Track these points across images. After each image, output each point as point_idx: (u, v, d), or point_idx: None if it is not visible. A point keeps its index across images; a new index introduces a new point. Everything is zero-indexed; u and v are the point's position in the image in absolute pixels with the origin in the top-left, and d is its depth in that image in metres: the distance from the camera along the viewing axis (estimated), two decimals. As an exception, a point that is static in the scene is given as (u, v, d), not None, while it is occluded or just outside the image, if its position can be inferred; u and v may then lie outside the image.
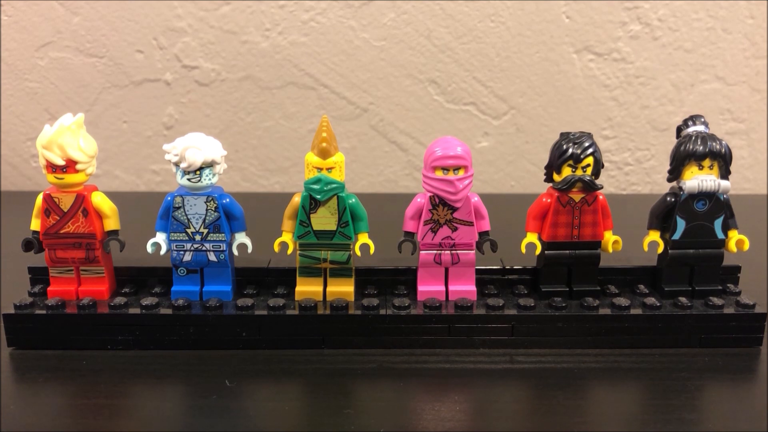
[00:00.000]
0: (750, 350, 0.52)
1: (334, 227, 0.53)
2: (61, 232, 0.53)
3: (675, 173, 0.53)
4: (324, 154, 0.52)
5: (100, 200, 0.53)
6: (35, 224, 0.53)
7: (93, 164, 0.52)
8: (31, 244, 0.53)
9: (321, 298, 0.55)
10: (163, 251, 0.53)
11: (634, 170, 1.02)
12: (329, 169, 0.52)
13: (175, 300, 0.53)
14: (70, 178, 0.51)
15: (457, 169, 0.52)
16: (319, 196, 0.52)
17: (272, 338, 0.53)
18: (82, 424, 0.43)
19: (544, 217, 0.54)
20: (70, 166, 0.51)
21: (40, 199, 0.53)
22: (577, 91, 0.98)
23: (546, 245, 0.54)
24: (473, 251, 0.54)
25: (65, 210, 0.52)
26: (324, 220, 0.53)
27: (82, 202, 0.52)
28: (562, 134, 0.53)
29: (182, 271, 0.54)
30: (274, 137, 1.00)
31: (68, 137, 0.51)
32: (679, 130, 0.55)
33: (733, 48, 0.98)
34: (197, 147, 0.51)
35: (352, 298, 0.55)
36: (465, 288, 0.55)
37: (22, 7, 0.95)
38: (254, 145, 1.00)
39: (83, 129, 0.52)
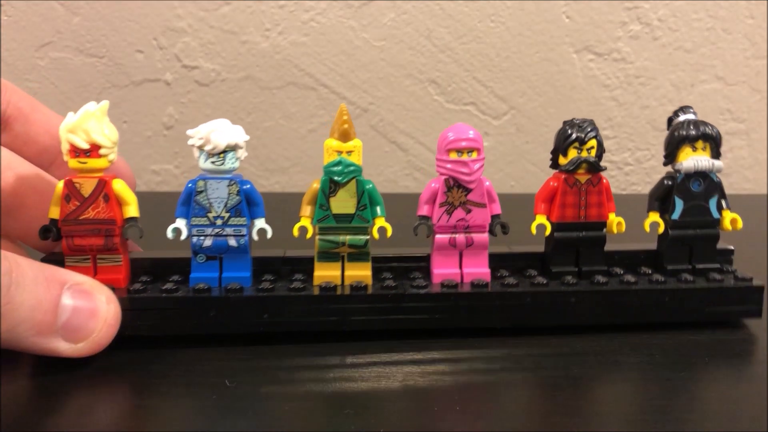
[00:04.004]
0: (751, 357, 0.52)
1: (352, 210, 0.55)
2: (81, 218, 0.52)
3: (670, 158, 0.56)
4: (345, 136, 0.54)
5: (121, 187, 0.53)
6: (54, 212, 0.53)
7: (114, 151, 0.53)
8: (49, 230, 0.52)
9: (339, 283, 0.55)
10: (183, 236, 0.53)
11: (634, 170, 1.02)
12: (349, 153, 0.54)
13: (195, 285, 0.53)
14: (93, 162, 0.52)
15: (470, 151, 0.54)
16: (339, 178, 0.54)
17: (293, 319, 0.53)
18: (93, 423, 0.43)
19: (552, 200, 0.56)
20: (94, 150, 0.52)
21: (60, 185, 0.52)
22: (577, 91, 0.98)
23: (555, 226, 0.56)
24: (486, 233, 0.56)
25: (86, 195, 0.53)
26: (343, 203, 0.54)
27: (103, 187, 0.52)
28: (565, 122, 0.55)
29: (201, 258, 0.54)
30: (274, 137, 1.00)
31: (93, 122, 0.52)
32: (670, 120, 0.57)
33: (733, 48, 0.98)
34: (221, 130, 0.52)
35: (370, 282, 0.55)
36: (479, 270, 0.56)
37: (22, 7, 0.95)
38: (254, 145, 1.00)
39: (107, 117, 0.53)
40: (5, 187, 0.54)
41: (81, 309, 0.47)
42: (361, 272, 0.55)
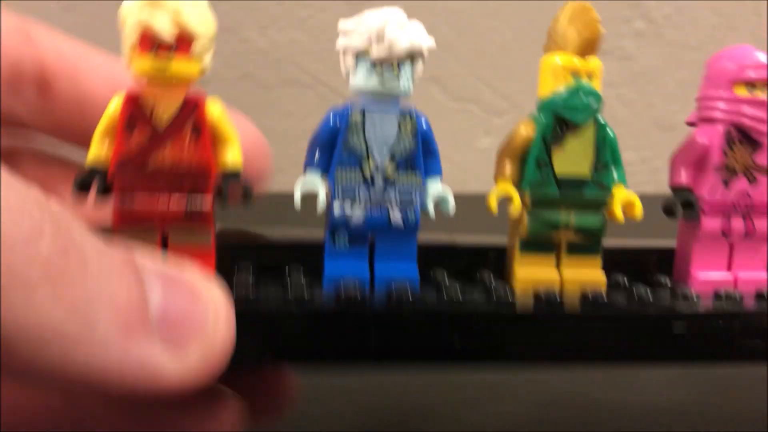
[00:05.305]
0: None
1: (587, 171, 0.35)
2: (151, 163, 0.31)
3: None
4: (592, 46, 0.35)
5: (220, 114, 0.33)
6: (97, 150, 0.31)
7: (210, 52, 0.33)
8: (87, 182, 0.30)
9: (557, 288, 0.36)
10: (320, 202, 0.33)
11: (640, 170, 1.01)
12: (589, 77, 0.36)
13: (338, 285, 0.33)
14: (179, 65, 0.31)
15: (764, 85, 0.36)
16: (577, 117, 0.35)
17: (501, 346, 0.33)
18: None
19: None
20: (184, 44, 0.31)
21: (117, 103, 0.31)
22: (580, 89, 0.97)
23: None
24: None
25: (163, 123, 0.31)
26: (574, 158, 0.35)
27: (193, 111, 0.32)
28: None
29: (343, 241, 0.34)
30: (272, 136, 0.98)
31: None
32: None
33: (739, 45, 0.97)
34: (402, 24, 0.34)
35: (604, 288, 0.35)
36: (756, 275, 0.38)
37: (18, 5, 0.94)
38: (253, 144, 0.99)
39: None
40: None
41: (176, 296, 0.27)
42: (589, 272, 0.35)
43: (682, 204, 0.37)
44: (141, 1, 0.30)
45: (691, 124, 0.39)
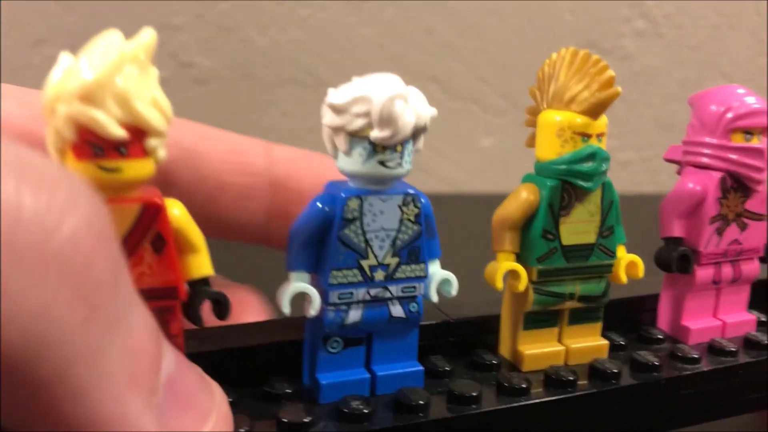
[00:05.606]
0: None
1: (593, 238, 0.33)
2: None
3: None
4: (605, 106, 0.32)
5: (184, 216, 0.27)
6: None
7: (165, 140, 0.27)
8: None
9: (561, 362, 0.34)
10: (315, 308, 0.29)
11: (640, 170, 1.01)
12: (600, 137, 0.32)
13: (339, 402, 0.29)
14: (132, 168, 0.25)
15: (761, 131, 0.35)
16: (590, 184, 0.32)
17: None
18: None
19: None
20: (137, 140, 0.25)
21: None
22: (580, 89, 0.97)
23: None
24: (757, 262, 0.38)
25: (118, 237, 0.25)
26: (580, 226, 0.33)
27: (153, 220, 0.26)
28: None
29: (336, 346, 0.30)
30: (272, 136, 0.98)
31: (137, 79, 0.26)
32: None
33: (739, 45, 0.97)
34: (404, 96, 0.29)
35: (606, 354, 0.35)
36: (741, 317, 0.38)
37: (17, 4, 0.94)
38: (252, 144, 0.99)
39: (151, 65, 0.27)
40: None
41: (188, 376, 0.24)
42: (591, 340, 0.35)
43: (677, 258, 0.35)
44: (77, 86, 0.23)
45: (671, 161, 0.38)
